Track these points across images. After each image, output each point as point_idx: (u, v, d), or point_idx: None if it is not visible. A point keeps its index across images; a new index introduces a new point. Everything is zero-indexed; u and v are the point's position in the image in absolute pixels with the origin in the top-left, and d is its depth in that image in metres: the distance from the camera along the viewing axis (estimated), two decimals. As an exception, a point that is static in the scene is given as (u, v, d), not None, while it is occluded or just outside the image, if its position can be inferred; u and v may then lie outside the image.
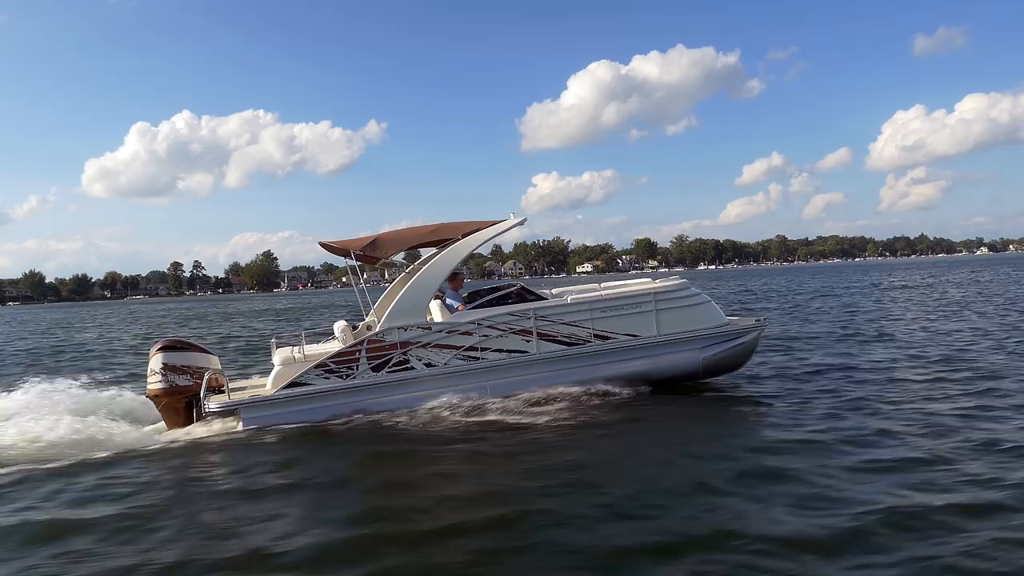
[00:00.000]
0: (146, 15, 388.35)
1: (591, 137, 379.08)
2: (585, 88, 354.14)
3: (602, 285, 10.53)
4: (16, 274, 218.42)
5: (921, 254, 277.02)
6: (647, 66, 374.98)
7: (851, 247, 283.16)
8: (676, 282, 10.29)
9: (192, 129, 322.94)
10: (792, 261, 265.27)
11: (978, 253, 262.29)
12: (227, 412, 9.02)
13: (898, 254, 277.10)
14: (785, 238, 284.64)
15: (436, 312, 9.63)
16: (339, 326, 10.32)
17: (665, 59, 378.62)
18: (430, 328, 9.35)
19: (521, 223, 10.23)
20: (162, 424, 9.41)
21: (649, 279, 10.75)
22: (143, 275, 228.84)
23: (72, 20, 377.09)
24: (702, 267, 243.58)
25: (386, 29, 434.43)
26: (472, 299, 9.98)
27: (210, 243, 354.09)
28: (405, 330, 9.27)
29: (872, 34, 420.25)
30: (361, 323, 10.66)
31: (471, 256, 11.24)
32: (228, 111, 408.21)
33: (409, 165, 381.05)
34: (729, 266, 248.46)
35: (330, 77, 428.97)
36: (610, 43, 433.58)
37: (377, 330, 9.32)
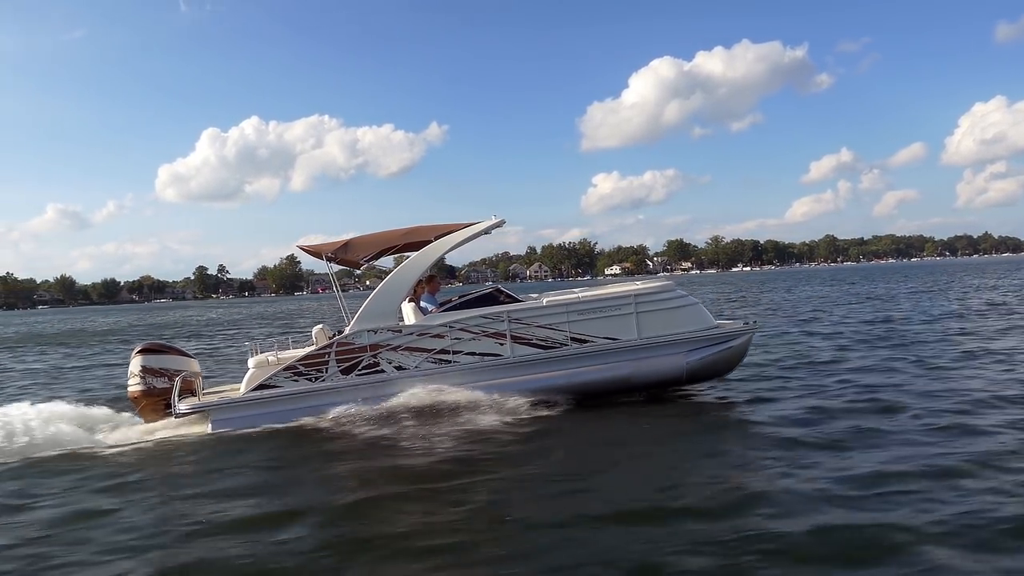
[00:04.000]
0: (218, 23, 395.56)
1: (653, 135, 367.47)
2: (647, 86, 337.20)
3: (589, 289, 10.31)
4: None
5: (984, 253, 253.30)
6: (711, 62, 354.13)
7: (907, 247, 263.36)
8: (659, 284, 10.04)
9: (260, 134, 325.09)
10: (841, 262, 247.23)
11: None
12: (198, 414, 9.02)
13: (959, 254, 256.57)
14: (834, 237, 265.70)
15: (409, 315, 9.50)
16: (316, 329, 10.27)
17: (730, 55, 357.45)
18: (401, 331, 9.23)
19: (499, 225, 10.06)
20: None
21: (640, 282, 10.50)
22: (188, 278, 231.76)
23: (147, 30, 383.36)
24: (737, 269, 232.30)
25: (447, 31, 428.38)
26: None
27: (276, 245, 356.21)
28: (375, 332, 9.16)
29: (950, 22, 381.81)
30: (347, 328, 10.55)
31: (502, 259, 11.01)
32: (294, 117, 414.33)
33: (469, 166, 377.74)
34: (767, 268, 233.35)
35: (393, 80, 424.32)
36: (673, 40, 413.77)
37: (346, 333, 9.23)
